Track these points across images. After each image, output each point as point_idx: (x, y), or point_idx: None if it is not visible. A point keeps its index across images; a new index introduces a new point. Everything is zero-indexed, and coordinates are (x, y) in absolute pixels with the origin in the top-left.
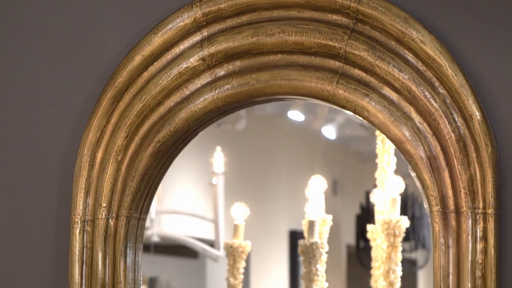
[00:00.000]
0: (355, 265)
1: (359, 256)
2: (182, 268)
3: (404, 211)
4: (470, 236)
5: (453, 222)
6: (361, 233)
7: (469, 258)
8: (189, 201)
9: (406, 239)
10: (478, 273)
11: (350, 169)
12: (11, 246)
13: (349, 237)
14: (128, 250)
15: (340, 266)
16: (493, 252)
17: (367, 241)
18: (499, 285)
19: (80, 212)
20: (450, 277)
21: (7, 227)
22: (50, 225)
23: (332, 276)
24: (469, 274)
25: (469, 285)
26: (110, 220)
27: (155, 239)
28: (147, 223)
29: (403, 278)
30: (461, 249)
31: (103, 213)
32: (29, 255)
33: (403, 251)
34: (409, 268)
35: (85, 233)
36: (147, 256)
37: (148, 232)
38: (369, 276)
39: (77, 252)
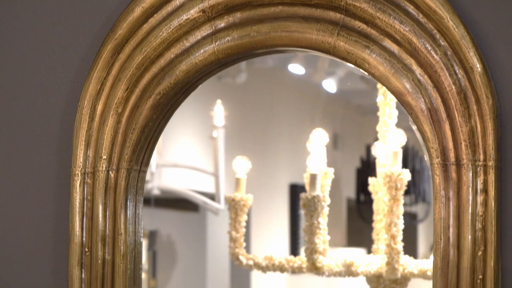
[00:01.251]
0: (356, 219)
1: (359, 210)
2: (183, 222)
3: (404, 165)
4: (470, 189)
5: (453, 175)
6: (361, 187)
7: (470, 211)
8: (189, 154)
9: (406, 192)
10: (479, 225)
11: (350, 123)
12: (12, 199)
13: (349, 190)
14: (128, 203)
15: (341, 219)
16: (493, 204)
17: (367, 194)
18: (499, 237)
19: (81, 164)
20: (450, 229)
21: (7, 179)
22: (51, 177)
23: (333, 229)
24: (469, 227)
25: (469, 237)
26: (110, 172)
27: (156, 192)
28: (148, 177)
29: (403, 231)
30: (461, 201)
31: (104, 166)
32: (29, 207)
33: (404, 204)
34: (409, 221)
35: (85, 186)
36: (147, 210)
37: (148, 186)
38: (369, 229)
39: (77, 204)
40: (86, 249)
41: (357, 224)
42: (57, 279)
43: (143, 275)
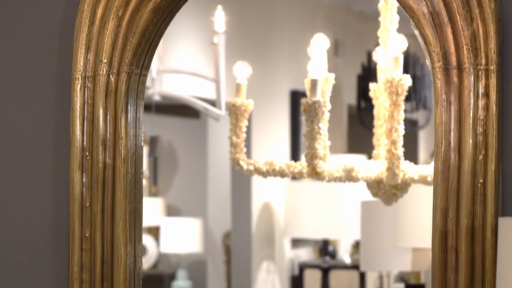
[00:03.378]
0: (357, 125)
1: (360, 116)
2: (184, 128)
3: (405, 71)
4: (472, 93)
5: (455, 79)
6: (362, 93)
7: (471, 115)
8: (190, 60)
9: (407, 99)
10: (480, 129)
11: (351, 29)
12: (12, 103)
13: (350, 97)
14: (129, 106)
15: (341, 125)
16: (494, 108)
17: (368, 101)
18: (500, 141)
19: (81, 68)
20: (452, 133)
21: (6, 83)
22: (51, 82)
23: (334, 136)
24: (470, 131)
25: (470, 141)
26: (111, 76)
27: (157, 98)
28: (148, 83)
29: (404, 138)
30: (462, 105)
31: (104, 69)
32: (30, 111)
33: (405, 111)
34: (410, 128)
35: (86, 90)
36: (148, 116)
37: (149, 92)
38: (370, 135)
39: (78, 108)
40: (87, 153)
41: (358, 131)
42: (58, 183)
43: (144, 182)
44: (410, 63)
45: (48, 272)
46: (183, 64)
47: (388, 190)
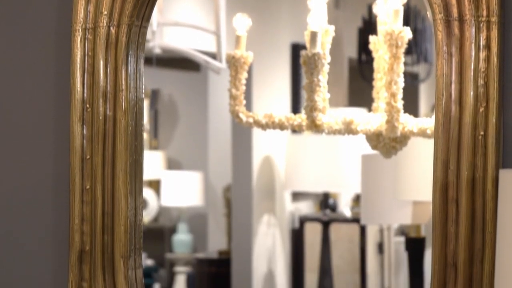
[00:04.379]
0: (357, 78)
1: (360, 69)
2: (184, 81)
3: (406, 24)
4: (473, 45)
5: (456, 30)
6: (363, 47)
7: (472, 67)
8: (191, 13)
9: (408, 52)
10: (481, 81)
11: None
12: (11, 54)
13: (351, 50)
14: (129, 58)
15: (341, 78)
16: (496, 60)
17: (369, 54)
18: (501, 93)
19: (81, 20)
20: (453, 85)
21: (7, 34)
22: (51, 34)
23: (333, 88)
24: (471, 83)
25: (471, 93)
26: (111, 28)
27: (157, 51)
28: (149, 36)
29: (404, 91)
30: (464, 57)
31: (104, 21)
32: (30, 64)
33: (405, 64)
34: (411, 81)
35: (86, 41)
36: (149, 69)
37: (149, 44)
38: (370, 88)
39: (78, 60)
40: (88, 105)
41: (359, 84)
42: (59, 135)
43: (145, 135)
44: (411, 17)
45: (48, 224)
46: (184, 17)
47: (388, 143)
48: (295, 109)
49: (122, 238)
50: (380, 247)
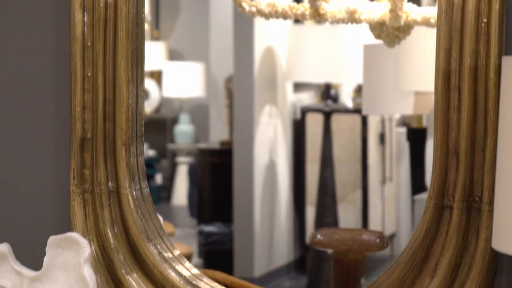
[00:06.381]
0: None
1: None
2: None
3: None
4: None
5: None
6: None
7: None
8: None
9: None
10: None
11: None
12: None
13: None
14: None
15: None
16: None
17: None
18: None
19: None
20: None
21: None
22: None
23: None
24: None
25: None
26: None
27: None
28: None
29: None
30: None
31: None
32: None
33: None
34: None
35: None
36: None
37: None
38: None
39: None
40: None
41: None
42: (59, 22)
43: (146, 26)
44: None
45: (50, 112)
46: None
47: (391, 32)
48: None
49: (123, 126)
50: (382, 138)
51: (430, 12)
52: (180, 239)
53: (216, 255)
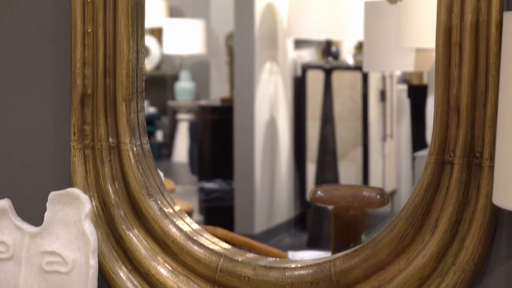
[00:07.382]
0: None
1: None
2: None
3: None
4: None
5: None
6: None
7: None
8: None
9: None
10: None
11: None
12: None
13: None
14: None
15: None
16: None
17: None
18: None
19: None
20: None
21: None
22: None
23: None
24: None
25: None
26: None
27: None
28: None
29: None
30: None
31: None
32: None
33: None
34: None
35: None
36: None
37: None
38: None
39: None
40: None
41: None
42: None
43: None
44: None
45: (50, 68)
46: None
47: None
48: None
49: (124, 81)
50: (383, 95)
51: None
52: (181, 196)
53: (217, 212)
